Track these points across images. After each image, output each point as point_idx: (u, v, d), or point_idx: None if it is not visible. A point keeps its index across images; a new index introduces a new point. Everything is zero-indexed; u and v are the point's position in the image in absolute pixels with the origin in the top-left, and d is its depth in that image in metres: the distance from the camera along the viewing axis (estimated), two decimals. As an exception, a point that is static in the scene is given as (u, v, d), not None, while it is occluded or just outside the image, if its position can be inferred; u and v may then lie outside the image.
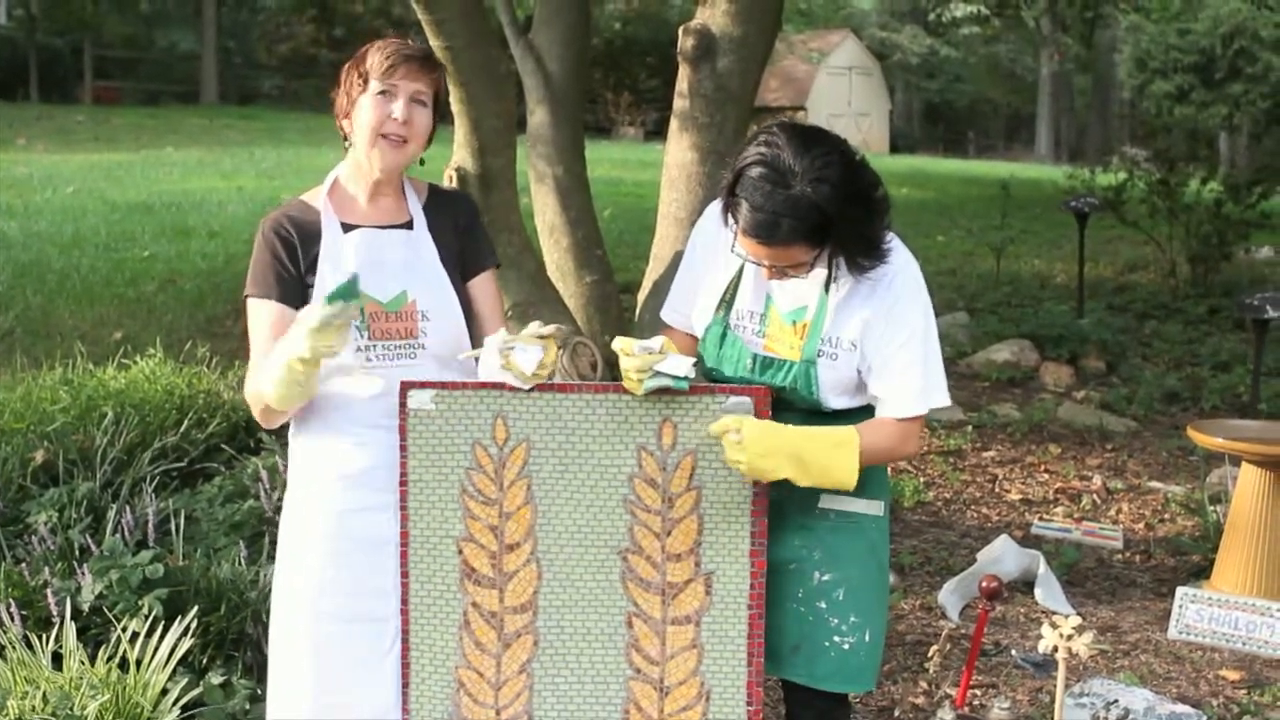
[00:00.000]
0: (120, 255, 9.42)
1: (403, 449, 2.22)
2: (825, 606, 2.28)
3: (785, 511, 2.27)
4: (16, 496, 3.98)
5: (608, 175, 15.32)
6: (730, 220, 2.16)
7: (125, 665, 2.85)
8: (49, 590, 3.12)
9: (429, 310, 2.31)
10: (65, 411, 4.47)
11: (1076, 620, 2.62)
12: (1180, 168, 9.93)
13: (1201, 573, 4.45)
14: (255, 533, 3.71)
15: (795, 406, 2.26)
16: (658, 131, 22.95)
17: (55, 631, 2.94)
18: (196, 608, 3.06)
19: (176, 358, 5.37)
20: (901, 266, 2.21)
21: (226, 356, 5.63)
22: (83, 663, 2.84)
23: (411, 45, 2.32)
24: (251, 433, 4.60)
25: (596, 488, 2.22)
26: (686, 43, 4.92)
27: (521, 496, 2.22)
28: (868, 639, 2.30)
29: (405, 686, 2.26)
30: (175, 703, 2.77)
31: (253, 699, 2.93)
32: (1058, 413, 6.38)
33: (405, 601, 2.25)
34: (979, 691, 3.54)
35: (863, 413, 2.27)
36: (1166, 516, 5.15)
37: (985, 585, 3.29)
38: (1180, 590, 4.04)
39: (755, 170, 2.09)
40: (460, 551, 2.23)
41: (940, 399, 2.22)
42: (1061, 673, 2.65)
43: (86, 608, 3.12)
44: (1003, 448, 5.89)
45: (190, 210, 11.78)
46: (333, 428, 2.30)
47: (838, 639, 2.28)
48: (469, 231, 2.44)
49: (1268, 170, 10.13)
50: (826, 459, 2.12)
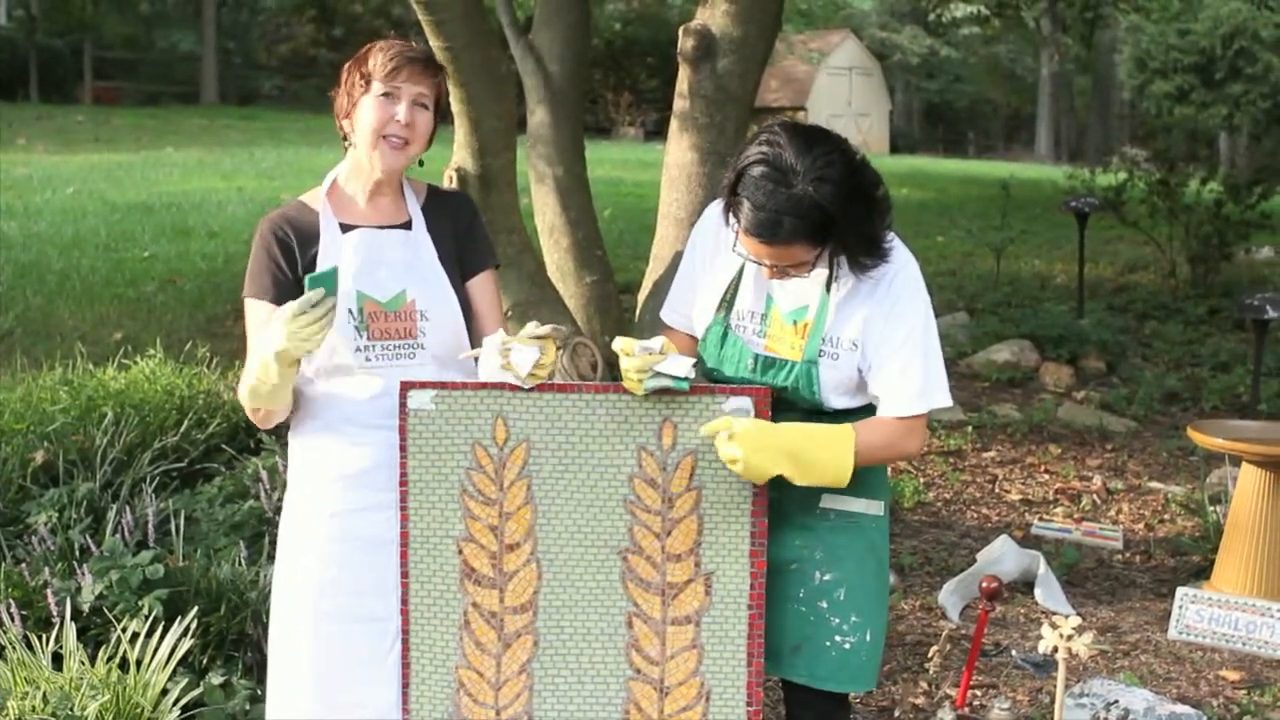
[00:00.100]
0: (120, 256, 9.42)
1: (403, 449, 2.22)
2: (826, 606, 2.28)
3: (786, 511, 2.27)
4: (16, 497, 3.98)
5: (608, 175, 15.32)
6: (732, 220, 2.16)
7: (125, 666, 2.84)
8: (49, 591, 3.12)
9: (428, 310, 2.32)
10: (65, 412, 4.47)
11: (1076, 620, 2.62)
12: (1180, 168, 9.92)
13: (1201, 573, 4.45)
14: (255, 533, 3.71)
15: (796, 406, 2.25)
16: (658, 132, 22.94)
17: (55, 632, 2.94)
18: (196, 608, 3.06)
19: (176, 358, 5.37)
20: (902, 266, 2.21)
21: (227, 357, 5.62)
22: (83, 663, 2.83)
23: (414, 47, 2.32)
24: (251, 433, 4.59)
25: (596, 488, 2.21)
26: (686, 43, 4.92)
27: (521, 497, 2.22)
28: (868, 639, 2.29)
29: (405, 686, 2.26)
30: (175, 703, 2.77)
31: (253, 699, 2.93)
32: (1058, 413, 6.38)
33: (405, 602, 2.25)
34: (979, 692, 3.54)
35: (864, 412, 2.27)
36: (1166, 517, 5.15)
37: (985, 586, 3.29)
38: (1180, 590, 4.04)
39: (757, 169, 2.09)
40: (460, 551, 2.23)
41: (941, 399, 2.22)
42: (1061, 673, 2.65)
43: (86, 608, 3.12)
44: (1003, 448, 5.89)
45: (190, 210, 11.77)
46: (332, 428, 2.30)
47: (839, 639, 2.28)
48: (468, 232, 2.44)
49: (1268, 170, 10.11)
50: (820, 455, 2.12)
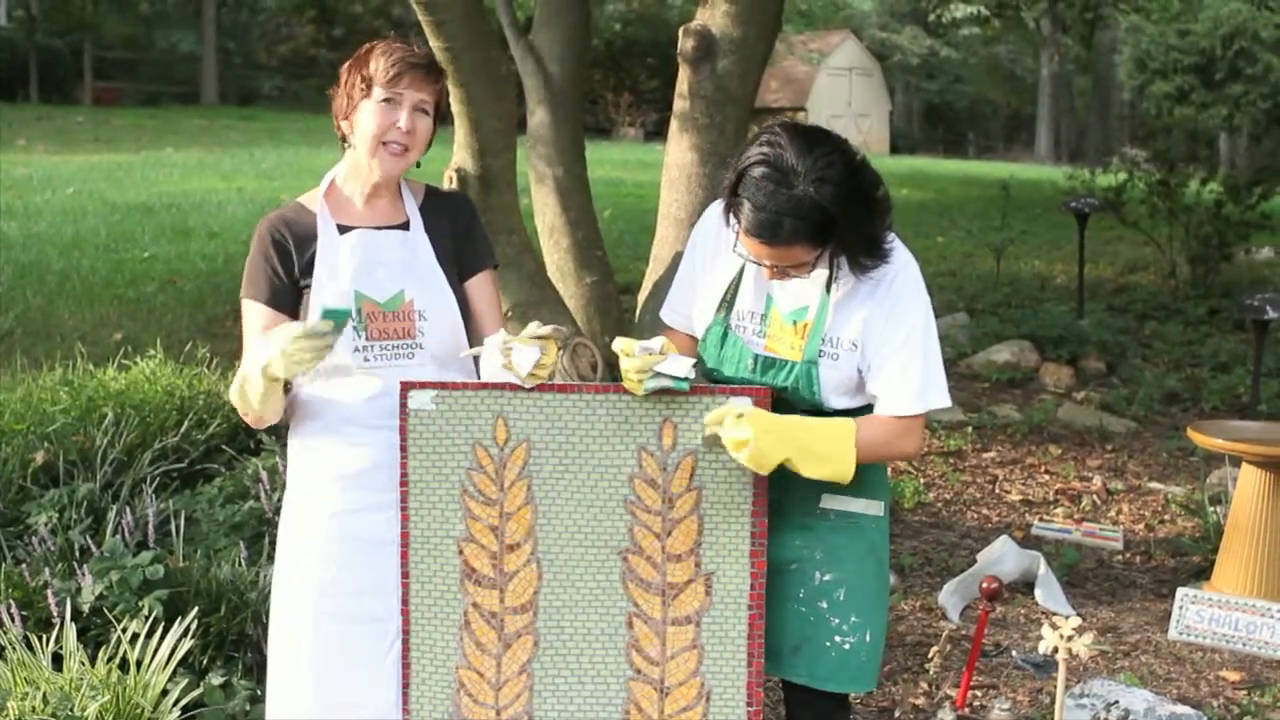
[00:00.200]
0: (120, 256, 9.42)
1: (403, 449, 2.22)
2: (826, 606, 2.28)
3: (785, 512, 2.27)
4: (16, 497, 3.98)
5: (608, 176, 15.31)
6: (732, 220, 2.16)
7: (125, 666, 2.84)
8: (49, 591, 3.12)
9: (426, 310, 2.32)
10: (65, 412, 4.46)
11: (1077, 621, 2.62)
12: (1180, 168, 9.92)
13: (1202, 573, 4.45)
14: (255, 534, 3.71)
15: (796, 407, 2.25)
16: (658, 132, 22.93)
17: (55, 632, 2.94)
18: (197, 608, 3.06)
19: (177, 358, 5.37)
20: (902, 266, 2.22)
21: (227, 357, 5.62)
22: (83, 663, 2.83)
23: (416, 52, 2.31)
24: (251, 434, 4.59)
25: (597, 488, 2.22)
26: (687, 44, 4.93)
27: (522, 497, 2.22)
28: (868, 639, 2.30)
29: (405, 687, 2.27)
30: (175, 703, 2.77)
31: (253, 699, 2.93)
32: (1058, 414, 6.38)
33: (405, 602, 2.25)
34: (979, 692, 3.54)
35: (863, 413, 2.26)
36: (1167, 517, 5.15)
37: (985, 586, 3.29)
38: (1180, 591, 4.04)
39: (757, 170, 2.09)
40: (461, 552, 2.23)
41: (940, 399, 2.22)
42: (1062, 674, 2.65)
43: (87, 609, 3.12)
44: (1003, 449, 5.89)
45: (190, 211, 11.76)
46: (331, 428, 2.30)
47: (839, 639, 2.28)
48: (466, 232, 2.44)
49: (1268, 171, 10.11)
50: (823, 445, 2.12)
